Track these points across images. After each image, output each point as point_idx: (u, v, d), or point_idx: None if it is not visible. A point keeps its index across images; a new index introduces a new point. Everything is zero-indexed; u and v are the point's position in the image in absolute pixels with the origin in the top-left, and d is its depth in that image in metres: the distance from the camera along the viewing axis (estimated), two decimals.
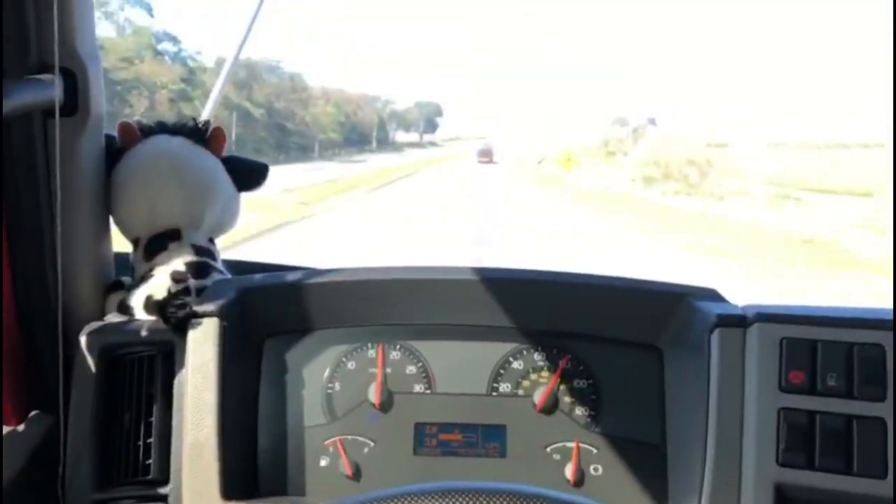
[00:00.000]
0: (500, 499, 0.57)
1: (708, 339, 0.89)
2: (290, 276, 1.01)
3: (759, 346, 0.86)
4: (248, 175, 1.09)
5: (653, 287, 0.98)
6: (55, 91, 0.87)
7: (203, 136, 1.06)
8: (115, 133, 1.04)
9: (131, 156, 1.02)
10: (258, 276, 1.03)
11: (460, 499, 0.57)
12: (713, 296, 0.95)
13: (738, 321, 0.88)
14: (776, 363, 0.85)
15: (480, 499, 0.57)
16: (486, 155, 49.63)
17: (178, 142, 1.04)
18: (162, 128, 1.06)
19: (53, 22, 0.85)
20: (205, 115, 1.25)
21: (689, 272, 8.80)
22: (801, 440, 0.83)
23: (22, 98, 0.81)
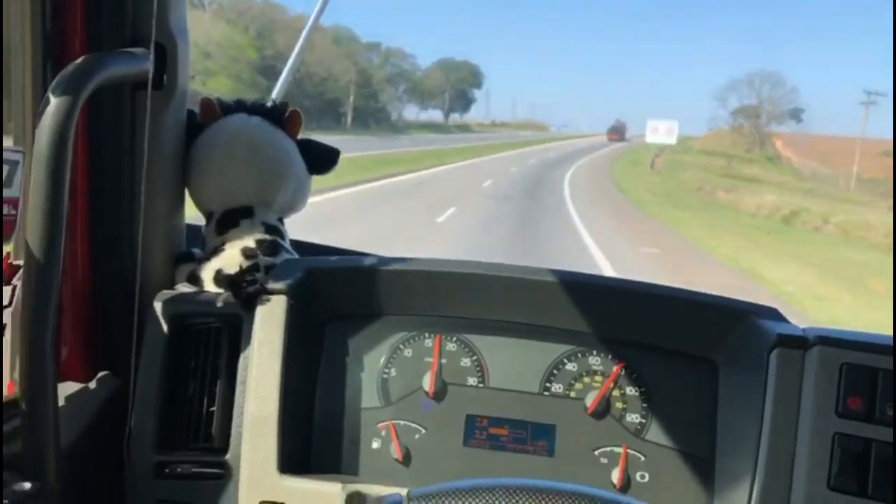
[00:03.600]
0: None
1: (767, 357, 0.89)
2: (358, 261, 1.04)
3: (818, 370, 0.87)
4: (321, 158, 1.11)
5: (715, 301, 0.98)
6: (148, 64, 0.89)
7: (281, 117, 1.08)
8: (195, 108, 1.06)
9: (211, 132, 1.04)
10: (326, 259, 1.06)
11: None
12: (774, 315, 0.96)
13: (799, 342, 0.89)
14: (834, 387, 0.86)
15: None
16: (617, 132, 44.58)
17: (257, 122, 1.06)
18: (241, 106, 1.08)
19: None
20: (275, 94, 1.27)
21: None
22: (854, 466, 0.84)
23: (117, 69, 0.83)
